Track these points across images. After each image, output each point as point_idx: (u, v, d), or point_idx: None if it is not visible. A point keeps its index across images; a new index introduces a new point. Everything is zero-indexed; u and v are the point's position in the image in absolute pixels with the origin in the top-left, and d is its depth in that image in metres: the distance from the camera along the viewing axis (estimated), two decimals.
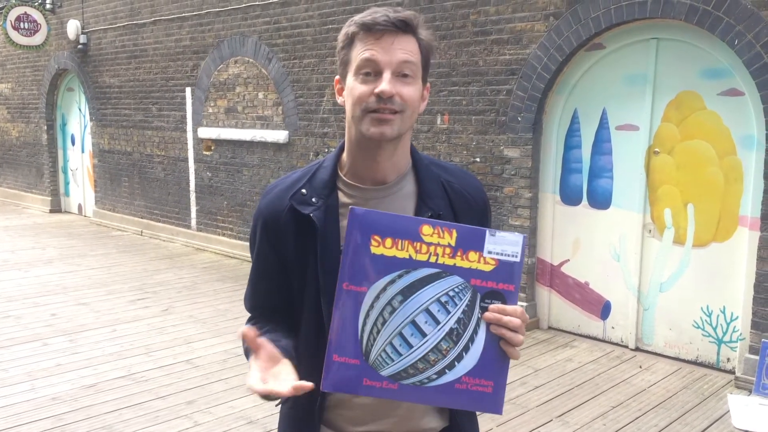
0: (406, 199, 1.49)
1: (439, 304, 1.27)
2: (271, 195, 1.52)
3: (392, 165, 1.46)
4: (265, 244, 1.52)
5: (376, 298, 1.27)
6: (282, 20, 7.52)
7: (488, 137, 5.83)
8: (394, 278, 1.27)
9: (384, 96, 1.35)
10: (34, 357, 5.04)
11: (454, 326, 1.27)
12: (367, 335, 1.26)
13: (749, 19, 4.41)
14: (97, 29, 10.27)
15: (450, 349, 1.27)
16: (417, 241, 1.27)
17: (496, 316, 1.27)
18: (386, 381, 1.26)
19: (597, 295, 5.54)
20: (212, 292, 6.88)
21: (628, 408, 4.28)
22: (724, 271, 4.82)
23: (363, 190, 1.47)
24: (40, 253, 8.70)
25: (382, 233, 1.27)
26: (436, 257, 1.27)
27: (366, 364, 1.26)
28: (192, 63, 8.75)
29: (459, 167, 1.63)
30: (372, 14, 1.38)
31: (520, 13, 5.55)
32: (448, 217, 1.48)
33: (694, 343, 5.03)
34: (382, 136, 1.38)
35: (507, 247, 1.28)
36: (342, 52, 1.42)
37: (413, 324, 1.27)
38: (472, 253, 1.27)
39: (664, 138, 5.06)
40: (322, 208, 1.44)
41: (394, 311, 1.26)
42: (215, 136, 8.50)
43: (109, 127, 10.39)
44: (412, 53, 1.39)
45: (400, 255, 1.27)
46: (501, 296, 1.28)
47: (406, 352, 1.26)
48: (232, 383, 4.58)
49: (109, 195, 10.64)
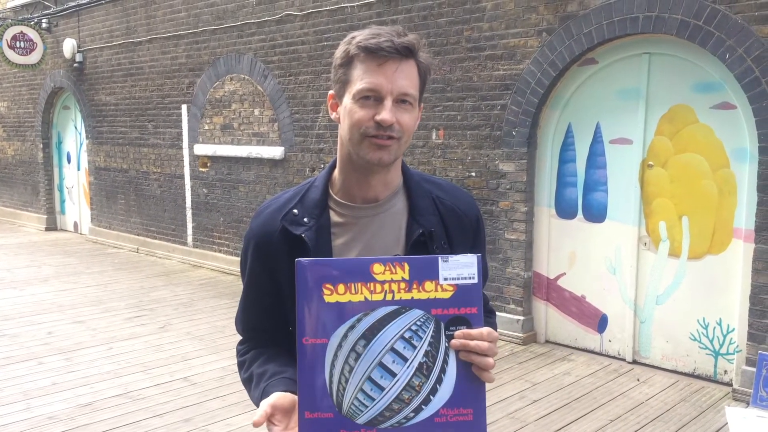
0: (397, 217, 1.48)
1: (403, 340, 1.24)
2: (262, 216, 1.51)
3: (384, 184, 1.47)
4: (257, 266, 1.51)
5: (338, 346, 1.23)
6: (277, 37, 7.57)
7: (483, 152, 5.86)
8: (354, 323, 1.23)
9: (385, 125, 1.35)
10: (29, 376, 5.01)
11: (422, 360, 1.24)
12: (336, 386, 1.23)
13: (740, 34, 4.46)
14: (93, 48, 10.31)
15: (423, 384, 1.24)
16: (370, 281, 1.24)
17: (463, 341, 1.25)
18: (364, 429, 1.24)
19: (594, 309, 5.55)
20: (209, 308, 6.87)
21: (626, 421, 4.28)
22: (720, 283, 4.84)
23: (354, 208, 1.47)
24: (36, 272, 8.68)
25: (333, 280, 1.24)
26: (392, 294, 1.24)
27: (340, 416, 1.23)
28: (188, 80, 8.79)
29: (450, 183, 1.63)
30: (375, 37, 1.36)
31: (513, 29, 5.60)
32: (440, 233, 1.47)
33: (691, 355, 5.04)
34: (380, 161, 1.39)
35: (462, 270, 1.25)
36: (340, 70, 1.41)
37: (381, 366, 1.23)
38: (428, 282, 1.24)
39: (658, 151, 5.10)
40: (314, 228, 1.44)
41: (360, 356, 1.23)
42: (211, 153, 8.52)
43: (105, 144, 10.40)
44: (413, 81, 1.39)
45: (355, 299, 1.23)
46: (465, 321, 1.25)
47: (379, 395, 1.23)
48: (230, 400, 4.56)
49: (105, 212, 10.63)
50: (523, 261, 5.72)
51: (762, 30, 4.38)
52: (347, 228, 1.47)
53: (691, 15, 4.64)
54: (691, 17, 4.65)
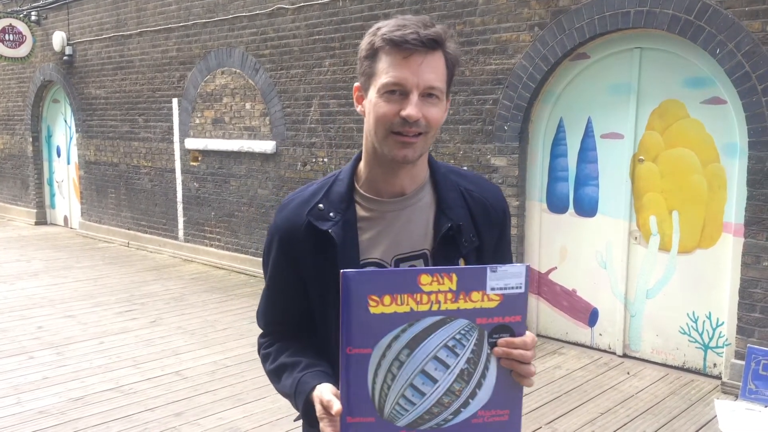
0: (424, 211, 1.46)
1: (447, 349, 1.24)
2: (287, 210, 1.48)
3: (411, 177, 1.44)
4: (281, 260, 1.49)
5: (382, 356, 1.23)
6: (269, 31, 7.54)
7: (475, 146, 5.87)
8: (398, 333, 1.23)
9: (410, 120, 1.31)
10: (20, 370, 4.99)
11: (464, 366, 1.24)
12: (378, 392, 1.23)
13: (730, 29, 4.48)
14: (82, 41, 10.24)
15: (463, 389, 1.25)
16: (417, 292, 1.22)
17: (506, 350, 1.25)
18: (404, 430, 1.25)
19: (584, 303, 5.57)
20: (200, 303, 6.85)
21: (616, 414, 4.30)
22: (710, 277, 4.87)
23: (380, 202, 1.44)
24: (25, 266, 8.63)
25: (379, 292, 1.21)
26: (438, 304, 1.22)
27: (381, 420, 1.24)
28: (179, 74, 8.75)
29: (477, 174, 1.59)
30: (401, 29, 1.31)
31: (505, 24, 5.60)
32: (469, 226, 1.45)
33: (680, 349, 5.07)
34: (405, 159, 1.36)
35: (510, 280, 1.24)
36: (365, 62, 1.37)
37: (423, 373, 1.24)
38: (475, 293, 1.23)
39: (649, 146, 5.12)
40: (340, 223, 1.41)
41: (402, 365, 1.23)
42: (202, 147, 8.49)
43: (95, 138, 10.35)
44: (440, 73, 1.35)
45: (400, 310, 1.22)
46: (509, 329, 1.25)
47: (420, 400, 1.24)
48: (221, 395, 4.56)
49: (95, 207, 10.58)
50: (515, 255, 5.74)
51: (752, 25, 4.40)
52: (374, 222, 1.44)
53: (683, 10, 4.66)
54: (683, 12, 4.66)
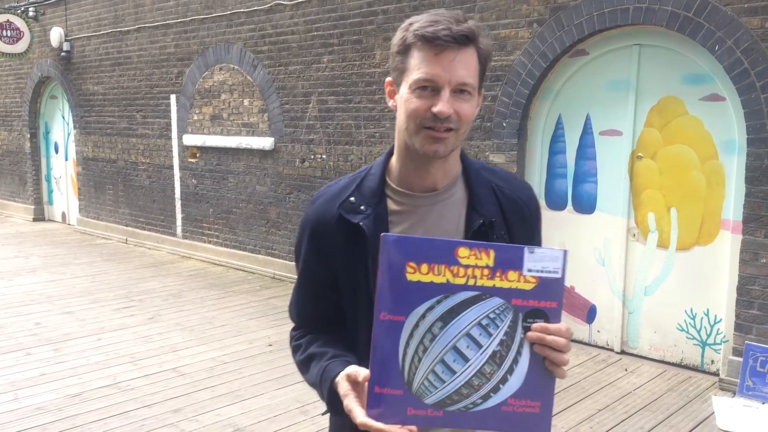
0: (456, 206, 1.45)
1: (480, 327, 1.23)
2: (318, 203, 1.48)
3: (443, 172, 1.44)
4: (312, 254, 1.49)
5: (415, 326, 1.22)
6: (267, 27, 7.53)
7: (474, 143, 5.86)
8: (433, 304, 1.22)
9: (442, 116, 1.32)
10: (17, 367, 4.98)
11: (497, 348, 1.23)
12: (409, 364, 1.23)
13: (729, 26, 4.47)
14: (80, 37, 10.22)
15: (494, 372, 1.24)
16: (454, 264, 1.22)
17: (540, 335, 1.23)
18: (431, 409, 1.23)
19: (583, 300, 5.57)
20: (199, 299, 6.85)
21: (614, 411, 4.31)
22: (708, 274, 4.87)
23: (412, 197, 1.44)
24: (23, 262, 8.62)
25: (418, 259, 1.22)
26: (475, 279, 1.22)
27: (409, 394, 1.23)
28: (177, 70, 8.73)
29: (509, 172, 1.59)
30: (433, 24, 1.32)
31: (504, 20, 5.59)
32: (500, 223, 1.45)
33: (678, 345, 5.07)
34: (436, 154, 1.36)
35: (547, 263, 1.23)
36: (397, 57, 1.38)
37: (455, 350, 1.23)
38: (512, 272, 1.23)
39: (647, 143, 5.11)
40: (371, 217, 1.41)
41: (435, 338, 1.22)
42: (200, 144, 8.48)
43: (93, 134, 10.33)
44: (472, 69, 1.36)
45: (437, 280, 1.22)
46: (544, 314, 1.24)
47: (450, 378, 1.23)
48: (219, 391, 4.56)
49: (93, 203, 10.56)
50: None
51: (751, 22, 4.39)
52: (405, 217, 1.44)
53: (681, 6, 4.65)
54: (681, 9, 4.65)
